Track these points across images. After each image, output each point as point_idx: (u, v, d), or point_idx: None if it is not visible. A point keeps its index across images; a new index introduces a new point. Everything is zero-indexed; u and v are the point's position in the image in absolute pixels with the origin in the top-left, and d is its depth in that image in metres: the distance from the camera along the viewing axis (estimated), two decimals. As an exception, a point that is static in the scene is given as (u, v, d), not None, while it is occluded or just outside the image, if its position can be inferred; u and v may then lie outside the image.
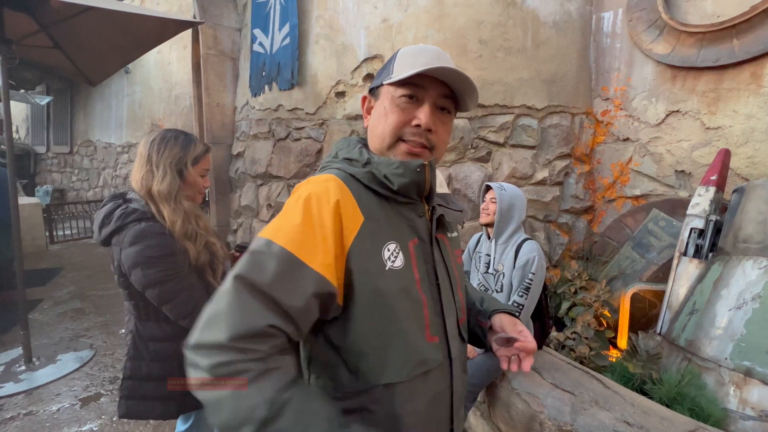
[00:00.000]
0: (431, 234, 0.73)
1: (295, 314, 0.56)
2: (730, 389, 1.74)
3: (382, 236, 0.65)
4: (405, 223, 0.69)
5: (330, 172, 0.68)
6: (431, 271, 0.71)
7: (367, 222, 0.63)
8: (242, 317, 0.52)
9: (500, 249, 1.80)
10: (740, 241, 1.99)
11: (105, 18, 2.48)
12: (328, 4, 3.26)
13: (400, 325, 0.63)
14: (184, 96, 6.81)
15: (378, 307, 0.62)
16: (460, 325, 0.77)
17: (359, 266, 0.61)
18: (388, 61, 0.72)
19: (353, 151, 0.71)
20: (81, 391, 2.37)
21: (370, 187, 0.67)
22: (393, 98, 0.69)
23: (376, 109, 0.72)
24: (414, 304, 0.66)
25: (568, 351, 2.29)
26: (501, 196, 1.78)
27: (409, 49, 0.71)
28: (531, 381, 1.66)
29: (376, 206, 0.66)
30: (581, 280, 2.65)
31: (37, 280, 4.49)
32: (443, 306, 0.71)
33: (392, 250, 0.65)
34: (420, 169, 0.66)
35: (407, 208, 0.71)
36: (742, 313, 1.82)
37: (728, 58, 2.54)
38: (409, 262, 0.67)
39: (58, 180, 9.43)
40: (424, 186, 0.69)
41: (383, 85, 0.70)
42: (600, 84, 3.24)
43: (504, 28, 2.92)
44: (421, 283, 0.68)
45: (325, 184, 0.64)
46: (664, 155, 2.91)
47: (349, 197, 0.64)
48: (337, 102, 3.28)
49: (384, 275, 0.63)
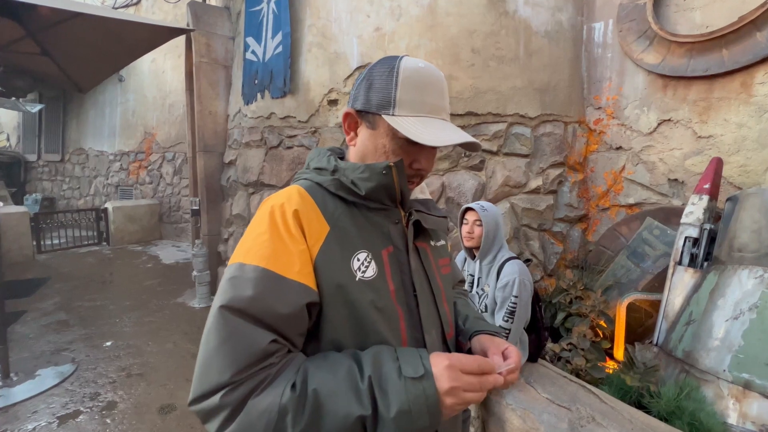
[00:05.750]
0: (407, 242, 0.69)
1: (287, 328, 0.54)
2: (729, 402, 1.70)
3: (351, 245, 0.62)
4: (377, 231, 0.66)
5: (297, 183, 0.67)
6: (408, 281, 0.66)
7: (333, 231, 0.61)
8: (240, 346, 0.50)
9: (485, 269, 1.74)
10: (735, 250, 1.97)
11: (93, 25, 2.45)
12: (320, 12, 3.27)
13: (374, 340, 0.60)
14: (178, 104, 6.79)
15: (349, 320, 0.59)
16: (447, 340, 0.71)
17: (327, 278, 0.58)
18: (386, 80, 0.63)
19: (322, 160, 0.68)
20: (59, 408, 2.27)
21: (337, 194, 0.65)
22: (394, 138, 0.64)
23: (371, 140, 0.66)
24: (389, 317, 0.62)
25: (564, 363, 2.24)
26: (486, 218, 1.70)
27: (413, 74, 0.63)
28: (526, 396, 1.61)
29: (344, 214, 0.64)
30: (576, 289, 2.61)
31: (22, 290, 4.36)
32: (422, 319, 0.66)
33: (362, 259, 0.61)
34: (386, 171, 0.63)
35: (380, 214, 0.67)
36: (740, 323, 1.79)
37: (718, 67, 2.55)
38: (382, 272, 0.63)
39: (49, 188, 9.31)
40: (394, 189, 0.65)
41: (381, 116, 0.63)
42: (592, 93, 3.25)
43: (496, 37, 2.93)
44: (396, 294, 0.64)
45: (287, 194, 0.62)
46: (656, 164, 2.91)
47: (311, 207, 0.61)
48: (330, 110, 3.26)
49: (354, 286, 0.59)
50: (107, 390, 2.46)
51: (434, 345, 0.67)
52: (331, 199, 0.64)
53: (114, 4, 7.47)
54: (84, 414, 2.22)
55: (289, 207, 0.60)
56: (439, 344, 0.68)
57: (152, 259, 5.85)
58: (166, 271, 5.24)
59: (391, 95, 0.63)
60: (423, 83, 0.64)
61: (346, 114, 0.68)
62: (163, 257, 5.93)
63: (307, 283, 0.56)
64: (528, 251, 3.00)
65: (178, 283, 4.66)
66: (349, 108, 0.68)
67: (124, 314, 3.73)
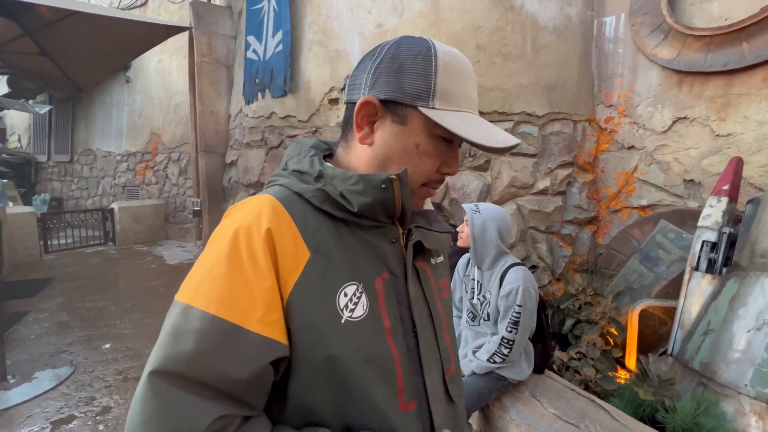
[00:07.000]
0: (406, 264, 0.56)
1: (245, 395, 0.43)
2: (751, 420, 1.59)
3: (337, 277, 0.49)
4: (370, 254, 0.53)
5: (270, 191, 0.53)
6: (406, 314, 0.54)
7: (315, 258, 0.48)
8: (173, 427, 0.38)
9: (487, 276, 1.64)
10: (757, 256, 1.85)
11: (90, 23, 2.42)
12: (321, 10, 3.20)
13: (362, 394, 0.48)
14: (184, 105, 6.79)
15: (328, 380, 0.47)
16: (447, 380, 0.60)
17: (302, 322, 0.46)
18: (423, 64, 0.50)
19: (304, 161, 0.54)
20: (54, 412, 2.23)
21: (322, 209, 0.51)
22: (431, 137, 0.52)
23: (399, 138, 0.53)
24: (382, 365, 0.50)
25: (572, 373, 2.13)
26: (473, 220, 1.58)
27: (452, 60, 0.52)
28: (531, 411, 1.52)
29: (330, 235, 0.50)
30: (586, 295, 2.50)
31: (27, 291, 4.38)
32: (422, 360, 0.55)
33: (351, 294, 0.49)
34: (386, 184, 0.50)
35: (373, 233, 0.54)
36: (763, 335, 1.67)
37: (738, 62, 2.42)
38: (375, 307, 0.51)
39: (58, 189, 9.43)
40: (394, 205, 0.52)
41: (417, 109, 0.50)
42: (603, 90, 3.13)
43: (502, 33, 2.83)
44: (393, 333, 0.52)
45: (256, 209, 0.49)
46: (671, 164, 2.78)
47: (288, 226, 0.48)
48: (330, 109, 3.19)
49: (338, 332, 0.47)
50: (103, 394, 2.42)
51: (435, 388, 0.56)
52: (313, 215, 0.50)
53: (119, 5, 7.52)
54: (78, 419, 2.18)
55: (258, 228, 0.46)
56: (439, 386, 0.58)
57: (157, 259, 5.85)
58: (170, 271, 5.23)
59: (431, 84, 0.50)
60: (462, 71, 0.53)
61: (363, 103, 0.52)
62: (168, 258, 5.93)
63: (271, 334, 0.44)
64: (535, 254, 2.89)
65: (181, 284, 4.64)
66: (369, 96, 0.51)
67: (125, 316, 3.71)
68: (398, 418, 0.50)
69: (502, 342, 1.53)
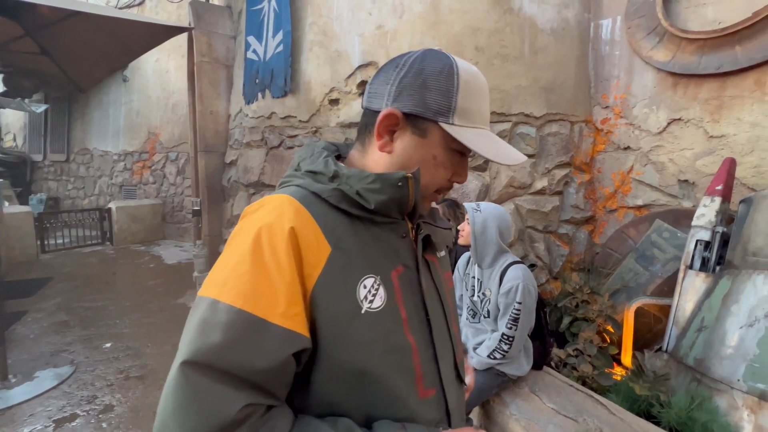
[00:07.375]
0: (417, 257, 0.60)
1: (269, 384, 0.45)
2: (743, 414, 1.63)
3: (357, 270, 0.52)
4: (385, 248, 0.57)
5: (288, 191, 0.55)
6: (420, 304, 0.58)
7: (336, 253, 0.51)
8: (202, 414, 0.41)
9: (487, 273, 1.67)
10: (750, 254, 1.89)
11: (91, 23, 2.43)
12: (322, 10, 3.22)
13: (383, 383, 0.51)
14: (182, 104, 6.78)
15: (351, 366, 0.50)
16: (458, 364, 0.65)
17: (326, 312, 0.49)
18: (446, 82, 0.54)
19: (318, 162, 0.57)
20: (56, 411, 2.24)
21: (339, 207, 0.54)
22: (447, 149, 0.57)
23: (418, 150, 0.56)
24: (400, 354, 0.53)
25: (570, 369, 2.18)
26: (474, 218, 1.62)
27: (472, 79, 0.56)
28: (531, 406, 1.55)
29: (348, 231, 0.54)
30: (583, 293, 2.54)
31: (24, 290, 4.37)
32: (436, 348, 0.58)
33: (369, 286, 0.52)
34: (402, 182, 0.54)
35: (386, 229, 0.58)
36: (755, 331, 1.72)
37: (731, 65, 2.47)
38: (393, 299, 0.54)
39: (54, 188, 9.36)
40: (408, 202, 0.56)
41: (437, 124, 0.55)
42: (599, 92, 3.17)
43: (501, 35, 2.87)
44: (409, 323, 0.55)
45: (277, 208, 0.51)
46: (666, 164, 2.83)
47: (309, 223, 0.51)
48: (331, 109, 3.21)
49: (359, 321, 0.50)
50: (105, 393, 2.43)
51: (448, 374, 0.60)
52: (330, 213, 0.53)
53: (117, 4, 7.49)
54: (81, 417, 2.19)
55: (281, 226, 0.49)
56: (451, 372, 0.62)
57: (155, 259, 5.84)
58: (168, 271, 5.23)
59: (452, 101, 0.54)
60: (480, 91, 0.57)
61: (387, 115, 0.55)
62: (166, 257, 5.92)
63: (294, 327, 0.46)
64: (533, 253, 2.93)
65: (180, 283, 4.64)
66: (392, 108, 0.55)
67: (125, 315, 3.71)
68: (418, 406, 0.53)
69: (502, 338, 1.56)
